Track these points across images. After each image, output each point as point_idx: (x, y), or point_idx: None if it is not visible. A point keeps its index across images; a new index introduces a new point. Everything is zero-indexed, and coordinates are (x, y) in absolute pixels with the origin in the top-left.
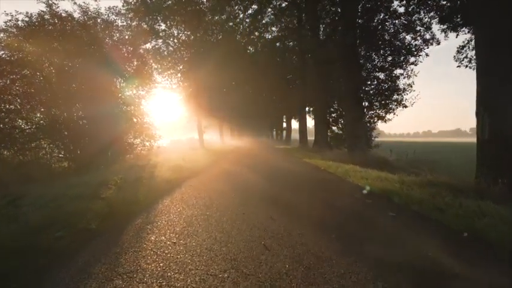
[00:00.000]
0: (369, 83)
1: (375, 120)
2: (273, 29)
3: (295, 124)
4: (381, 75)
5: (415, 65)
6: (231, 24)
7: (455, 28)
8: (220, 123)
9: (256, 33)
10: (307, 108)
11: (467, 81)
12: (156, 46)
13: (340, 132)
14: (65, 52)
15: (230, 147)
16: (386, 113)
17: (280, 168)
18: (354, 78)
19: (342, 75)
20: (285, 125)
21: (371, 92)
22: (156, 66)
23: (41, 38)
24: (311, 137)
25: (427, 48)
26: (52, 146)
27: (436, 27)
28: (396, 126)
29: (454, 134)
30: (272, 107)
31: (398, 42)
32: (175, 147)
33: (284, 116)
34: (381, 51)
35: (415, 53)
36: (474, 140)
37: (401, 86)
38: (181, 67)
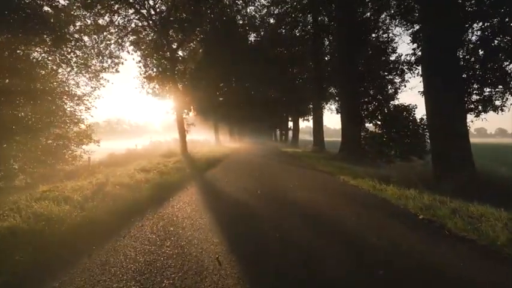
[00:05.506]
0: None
1: (480, 109)
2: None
3: (301, 123)
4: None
5: None
6: (226, 2)
7: None
8: (215, 121)
9: (258, 16)
10: (322, 104)
11: None
12: (127, 19)
13: (380, 131)
14: None
15: (223, 151)
16: (504, 96)
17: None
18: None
19: (422, 26)
20: (290, 124)
21: (468, 57)
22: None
23: None
24: (325, 138)
25: None
26: None
27: None
28: None
29: None
30: (275, 104)
31: None
32: (149, 152)
33: (290, 115)
34: None
35: None
36: (481, 140)
37: None
38: (167, 52)
